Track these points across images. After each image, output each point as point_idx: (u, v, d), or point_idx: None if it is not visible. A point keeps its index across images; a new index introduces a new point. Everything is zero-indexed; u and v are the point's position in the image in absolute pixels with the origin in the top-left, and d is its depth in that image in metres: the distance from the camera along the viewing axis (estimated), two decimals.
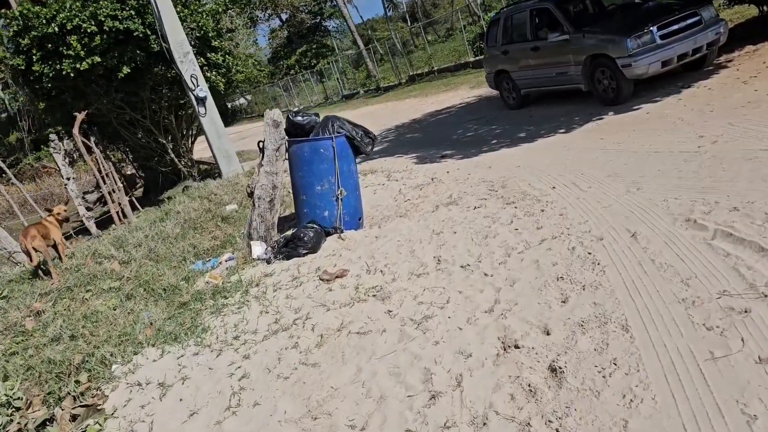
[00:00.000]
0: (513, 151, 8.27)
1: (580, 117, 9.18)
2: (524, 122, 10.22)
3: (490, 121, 11.37)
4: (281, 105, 43.18)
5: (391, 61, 28.19)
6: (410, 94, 22.37)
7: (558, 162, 6.88)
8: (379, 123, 17.05)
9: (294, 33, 59.63)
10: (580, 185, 5.68)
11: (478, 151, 8.93)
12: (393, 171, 8.66)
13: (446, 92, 18.89)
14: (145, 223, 7.72)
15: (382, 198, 7.19)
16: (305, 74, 40.61)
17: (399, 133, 13.93)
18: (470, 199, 6.09)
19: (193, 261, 6.08)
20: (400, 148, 11.44)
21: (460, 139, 10.73)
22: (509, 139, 9.25)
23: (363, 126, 6.02)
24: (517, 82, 11.25)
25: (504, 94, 11.97)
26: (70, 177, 9.40)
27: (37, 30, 10.10)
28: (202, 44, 11.72)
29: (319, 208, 5.78)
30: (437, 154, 9.65)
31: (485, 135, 10.28)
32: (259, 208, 5.89)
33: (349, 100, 30.67)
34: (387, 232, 5.55)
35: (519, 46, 10.95)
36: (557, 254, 4.10)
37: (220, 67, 12.08)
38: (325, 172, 5.72)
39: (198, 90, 10.06)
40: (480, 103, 14.20)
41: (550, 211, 5.06)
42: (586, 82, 9.50)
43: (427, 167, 8.55)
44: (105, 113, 11.97)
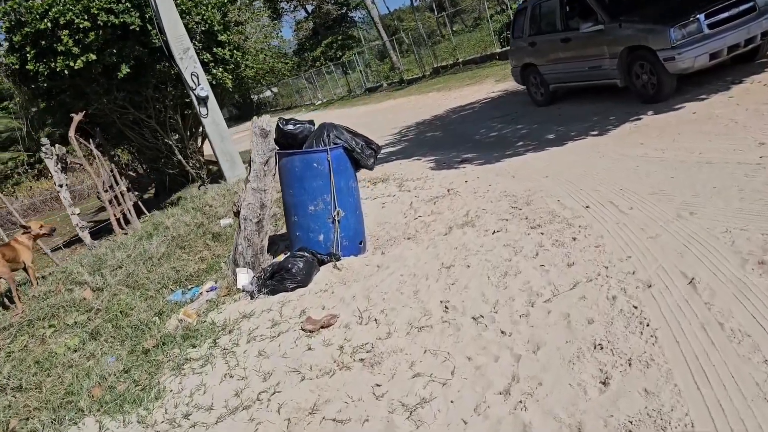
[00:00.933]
0: (540, 157, 7.38)
1: (615, 116, 8.23)
2: (553, 121, 9.30)
3: (516, 120, 10.46)
4: (305, 98, 42.56)
5: (415, 52, 27.26)
6: (434, 88, 21.45)
7: (591, 172, 5.99)
8: (399, 119, 16.22)
9: (320, 24, 58.97)
10: (618, 205, 4.79)
11: (501, 155, 8.06)
12: (406, 179, 7.83)
13: (471, 86, 17.93)
14: (132, 239, 7.04)
15: (390, 213, 6.39)
16: (329, 66, 39.84)
17: (419, 131, 13.08)
18: (489, 218, 5.24)
19: (173, 290, 5.36)
20: (419, 149, 10.60)
21: (482, 139, 9.85)
22: (536, 141, 8.35)
23: (364, 135, 5.21)
24: (546, 76, 10.30)
25: (531, 90, 11.03)
26: (63, 184, 8.80)
27: (30, 26, 9.50)
28: (208, 39, 11.01)
29: (313, 232, 5.00)
30: (456, 157, 8.79)
31: (510, 135, 9.38)
32: (246, 231, 5.14)
33: (372, 93, 29.84)
34: (390, 261, 4.74)
35: (548, 38, 10.00)
36: (594, 306, 3.25)
37: (228, 62, 11.37)
38: (319, 190, 4.93)
39: (199, 89, 9.35)
40: (505, 99, 13.25)
41: (584, 241, 4.20)
42: (622, 77, 8.53)
43: (444, 174, 7.71)
44: (107, 113, 11.36)
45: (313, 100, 40.09)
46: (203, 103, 9.40)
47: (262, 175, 5.12)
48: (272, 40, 51.79)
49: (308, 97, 41.57)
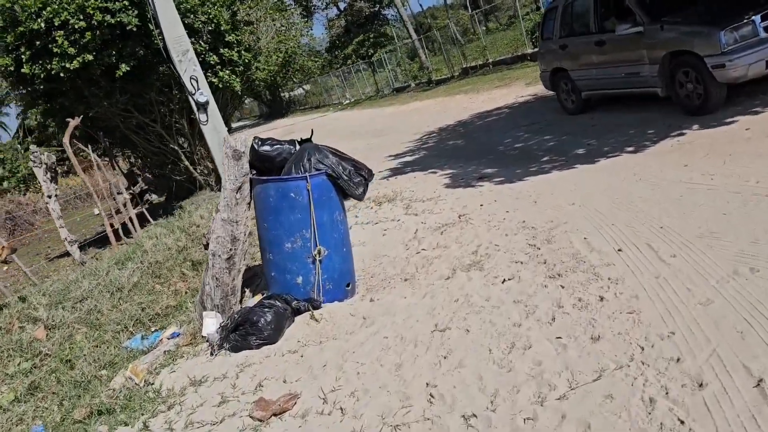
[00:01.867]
0: (567, 177, 6.51)
1: (655, 130, 7.30)
2: (584, 133, 8.38)
3: (544, 129, 9.56)
4: (333, 97, 41.98)
5: (444, 52, 26.34)
6: (461, 90, 20.55)
7: (626, 201, 5.10)
8: (423, 123, 15.40)
9: (352, 22, 58.45)
10: (658, 249, 3.92)
11: (523, 172, 7.20)
12: (416, 199, 7.03)
13: (499, 88, 17.00)
14: (108, 262, 6.40)
15: (391, 243, 5.59)
16: (359, 64, 39.14)
17: (440, 138, 12.24)
18: (501, 259, 4.41)
19: (133, 333, 4.66)
20: (437, 160, 9.78)
21: (505, 151, 8.98)
22: (563, 157, 7.47)
23: (353, 159, 4.43)
24: (577, 82, 9.38)
25: (561, 97, 10.10)
26: (52, 194, 8.24)
27: (24, 25, 8.97)
28: (215, 39, 10.36)
29: (290, 273, 4.24)
30: (475, 172, 7.96)
31: (535, 148, 8.50)
32: (214, 269, 4.41)
33: (400, 93, 29.03)
34: (378, 314, 3.95)
35: (580, 40, 9.07)
36: (623, 412, 2.42)
37: (237, 64, 10.71)
38: (297, 224, 4.17)
39: (198, 94, 8.65)
40: (534, 105, 12.32)
41: (614, 302, 3.35)
42: (663, 85, 7.59)
43: (458, 195, 6.88)
44: (110, 117, 10.82)
45: (341, 99, 39.46)
46: (203, 109, 8.70)
47: (233, 203, 4.38)
48: (302, 38, 51.56)
49: (337, 96, 40.95)
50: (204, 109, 8.80)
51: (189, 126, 11.57)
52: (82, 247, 13.63)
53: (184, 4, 9.86)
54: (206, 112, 8.82)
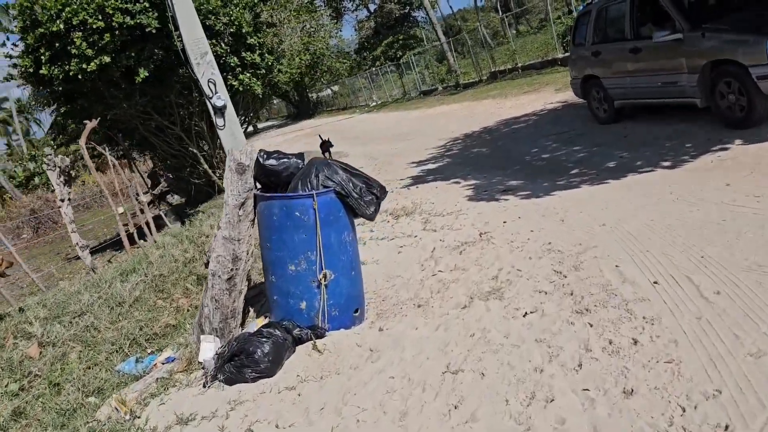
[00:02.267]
0: (597, 193, 6.09)
1: (693, 144, 6.85)
2: (616, 144, 7.94)
3: (573, 139, 9.12)
4: (360, 99, 41.72)
5: (472, 56, 25.90)
6: (489, 94, 20.11)
7: (661, 223, 4.69)
8: (448, 128, 15.02)
9: (382, 24, 58.27)
10: (699, 283, 3.52)
11: (551, 186, 6.80)
12: (436, 213, 6.67)
13: (528, 94, 16.55)
14: (114, 272, 6.16)
15: (406, 262, 5.25)
16: (388, 66, 38.84)
17: (465, 145, 11.85)
18: (523, 287, 4.04)
19: (128, 354, 4.40)
20: (461, 169, 9.41)
21: (532, 161, 8.57)
22: (594, 170, 7.05)
23: (365, 176, 4.10)
24: (610, 91, 8.92)
25: (592, 105, 9.65)
26: (64, 198, 8.08)
27: (44, 26, 8.84)
28: (237, 41, 10.14)
29: (293, 297, 3.93)
30: (499, 184, 7.58)
31: (564, 159, 8.08)
32: (213, 290, 4.11)
33: (427, 96, 28.66)
34: (386, 346, 3.62)
35: (614, 47, 8.63)
36: None
37: (258, 67, 10.47)
38: (302, 245, 3.85)
39: (216, 98, 8.43)
40: (564, 112, 11.87)
41: (650, 347, 2.97)
42: (703, 96, 7.12)
43: (480, 209, 6.51)
44: (129, 119, 10.67)
45: (368, 101, 39.19)
46: (220, 113, 8.48)
47: (236, 220, 4.08)
48: (331, 40, 51.51)
49: (364, 98, 40.70)
50: (221, 113, 8.58)
51: (209, 129, 11.37)
52: (103, 249, 13.55)
53: (205, 5, 9.65)
54: (223, 117, 8.61)
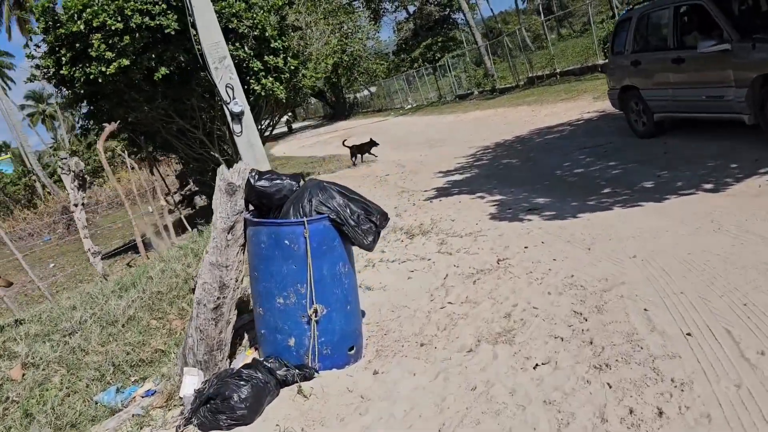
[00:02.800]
0: (630, 217, 5.59)
1: (739, 165, 6.28)
2: (654, 162, 7.39)
3: (608, 154, 8.58)
4: (395, 101, 41.36)
5: (509, 59, 25.29)
6: (525, 100, 19.53)
7: (700, 259, 4.19)
8: (480, 135, 14.55)
9: (421, 26, 57.94)
10: (740, 340, 3.04)
11: (580, 206, 6.31)
12: (454, 233, 6.25)
13: (565, 101, 15.95)
14: (114, 286, 5.91)
15: (415, 290, 4.84)
16: (425, 68, 38.45)
17: (495, 155, 11.38)
18: (538, 330, 3.61)
19: (110, 382, 4.10)
20: (487, 182, 8.96)
21: (563, 176, 8.07)
22: (628, 190, 6.53)
23: (365, 201, 3.71)
24: (650, 103, 8.35)
25: (631, 117, 9.08)
26: (78, 203, 7.92)
27: (64, 27, 8.73)
28: (260, 45, 9.88)
29: (282, 333, 3.57)
30: (525, 201, 7.11)
31: (597, 176, 7.57)
32: (198, 319, 3.78)
33: (462, 100, 28.16)
34: (378, 396, 3.23)
35: (656, 56, 8.07)
36: None
37: (282, 71, 10.20)
38: (291, 277, 3.49)
39: (233, 103, 8.15)
40: (601, 123, 11.29)
41: (678, 421, 2.52)
42: (752, 112, 6.54)
43: (502, 230, 6.06)
44: (151, 121, 10.51)
45: (403, 104, 38.83)
46: (237, 120, 8.20)
47: (223, 245, 3.74)
48: (369, 41, 51.38)
49: (399, 100, 40.35)
50: (239, 120, 8.31)
51: (230, 134, 11.12)
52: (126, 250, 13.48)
53: (228, 9, 9.41)
54: (241, 123, 8.33)
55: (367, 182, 12.08)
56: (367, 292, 4.92)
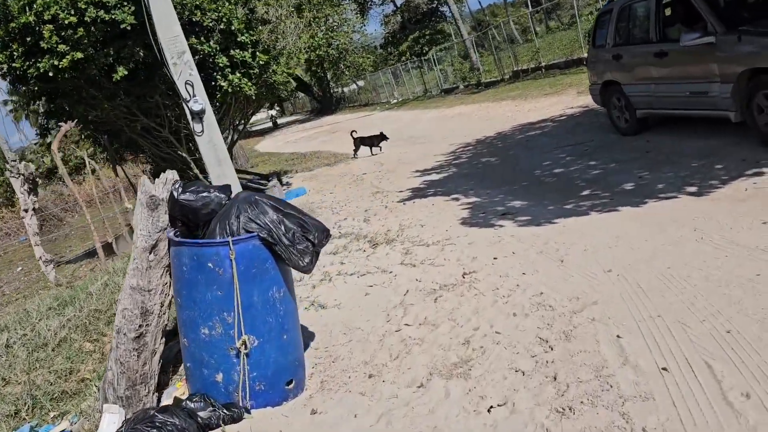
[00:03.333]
0: (607, 223, 5.20)
1: (724, 165, 5.90)
2: (636, 161, 7.02)
3: (589, 152, 8.20)
4: (381, 96, 40.88)
5: (494, 54, 24.88)
6: (509, 95, 19.13)
7: (680, 274, 3.80)
8: (461, 132, 14.15)
9: (408, 18, 57.45)
10: (723, 378, 2.64)
11: (556, 210, 5.92)
12: (420, 242, 5.83)
13: (549, 96, 15.56)
14: (52, 302, 5.46)
15: (371, 308, 4.43)
16: (412, 62, 37.96)
17: (475, 153, 10.97)
18: (498, 361, 3.20)
19: (26, 419, 3.67)
20: (464, 182, 8.57)
21: (542, 177, 7.68)
22: (608, 192, 6.15)
23: (303, 216, 3.28)
24: (632, 99, 7.97)
25: (613, 114, 8.69)
26: (29, 208, 7.46)
27: (16, 21, 8.21)
28: (227, 39, 9.38)
29: (208, 367, 3.15)
30: (501, 204, 6.72)
31: (577, 176, 7.18)
32: (118, 350, 3.36)
33: (448, 95, 27.73)
34: None
35: (638, 50, 7.68)
36: None
37: (251, 66, 9.71)
38: (217, 305, 3.07)
39: (192, 101, 7.68)
40: (583, 119, 10.90)
41: None
42: (738, 109, 6.16)
43: (472, 237, 5.66)
44: (114, 120, 10.01)
45: (389, 98, 38.36)
46: (198, 118, 7.72)
47: (145, 266, 3.31)
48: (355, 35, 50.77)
49: (385, 94, 39.87)
50: (199, 118, 7.84)
51: None
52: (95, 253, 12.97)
53: (190, 1, 8.92)
54: (201, 122, 7.86)
55: (343, 182, 11.67)
56: (320, 311, 4.51)
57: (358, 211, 8.14)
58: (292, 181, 13.84)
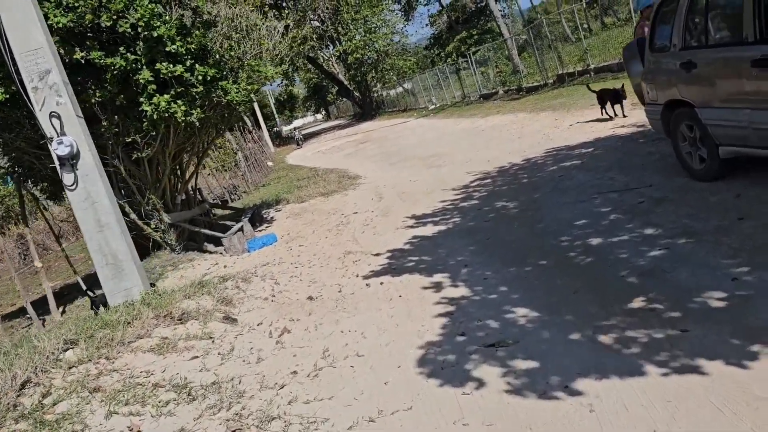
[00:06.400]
0: (680, 410, 2.54)
1: None
2: (722, 235, 4.34)
3: (645, 207, 5.50)
4: (420, 101, 38.26)
5: (536, 55, 21.96)
6: (550, 104, 16.30)
7: None
8: (487, 154, 11.52)
9: (456, 19, 54.90)
10: None
11: (583, 354, 3.31)
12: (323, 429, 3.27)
13: (595, 108, 12.64)
14: None
15: None
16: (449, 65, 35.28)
17: (492, 190, 8.33)
18: None
19: None
20: (460, 248, 6.02)
21: (569, 254, 5.01)
22: (677, 309, 3.48)
23: None
24: (713, 129, 5.21)
25: (681, 148, 5.92)
26: None
27: None
28: (151, 50, 7.04)
29: None
30: (497, 309, 4.14)
31: (624, 258, 4.51)
32: None
33: (486, 100, 24.96)
34: None
35: (723, 55, 4.95)
36: None
37: (191, 84, 7.37)
38: None
39: (56, 143, 5.38)
40: (638, 147, 8.10)
41: None
42: None
43: (416, 417, 3.08)
44: (21, 154, 7.88)
45: (427, 104, 35.73)
46: (67, 166, 5.42)
47: None
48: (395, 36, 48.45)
49: (424, 100, 37.23)
50: (70, 166, 5.52)
51: (134, 166, 8.37)
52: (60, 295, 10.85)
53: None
54: (74, 170, 5.54)
55: (325, 225, 9.22)
56: None
57: (295, 301, 5.61)
58: (277, 216, 11.46)
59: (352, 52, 43.76)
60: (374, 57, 46.29)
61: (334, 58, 50.55)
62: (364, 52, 43.78)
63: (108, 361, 4.03)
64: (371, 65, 46.96)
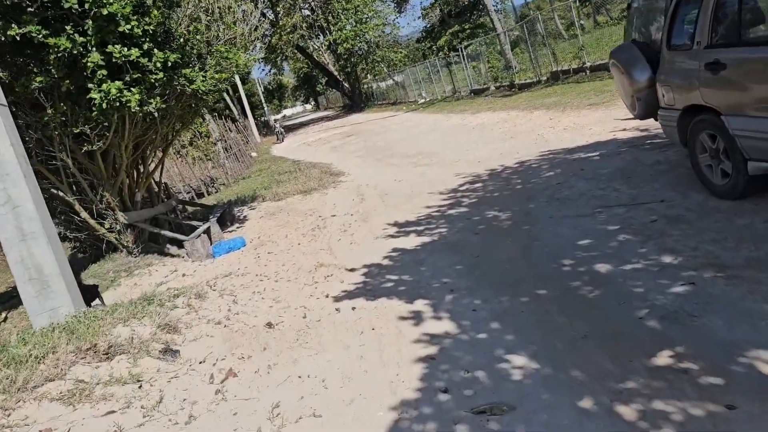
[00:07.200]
0: None
1: None
2: (757, 264, 3.62)
3: (659, 226, 4.77)
4: (410, 95, 37.41)
5: (529, 52, 21.20)
6: (544, 102, 15.57)
7: None
8: (477, 154, 10.76)
9: (449, 12, 54.18)
10: None
11: (595, 420, 2.54)
12: None
13: (593, 108, 11.99)
14: None
15: None
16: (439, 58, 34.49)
17: (482, 196, 7.58)
18: None
19: None
20: (444, 266, 5.27)
21: (571, 283, 4.26)
22: (702, 362, 2.74)
23: None
24: (743, 141, 4.47)
25: (700, 162, 5.19)
26: None
27: None
28: (101, 30, 6.20)
29: None
30: (488, 354, 3.40)
31: (639, 294, 3.77)
32: None
33: (477, 96, 24.22)
34: None
35: (758, 54, 4.21)
36: None
37: (145, 70, 6.53)
38: None
39: None
40: (644, 153, 7.37)
41: None
42: None
43: None
44: None
45: (417, 98, 34.90)
46: None
47: None
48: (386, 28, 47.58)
49: (413, 94, 36.39)
50: None
51: (87, 158, 7.52)
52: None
53: None
54: None
55: (300, 229, 8.43)
56: None
57: (251, 328, 4.82)
58: (251, 215, 10.64)
59: (342, 42, 42.86)
60: (365, 48, 45.47)
61: (324, 47, 49.58)
62: (354, 43, 42.88)
63: (3, 412, 3.22)
64: (361, 56, 46.15)
